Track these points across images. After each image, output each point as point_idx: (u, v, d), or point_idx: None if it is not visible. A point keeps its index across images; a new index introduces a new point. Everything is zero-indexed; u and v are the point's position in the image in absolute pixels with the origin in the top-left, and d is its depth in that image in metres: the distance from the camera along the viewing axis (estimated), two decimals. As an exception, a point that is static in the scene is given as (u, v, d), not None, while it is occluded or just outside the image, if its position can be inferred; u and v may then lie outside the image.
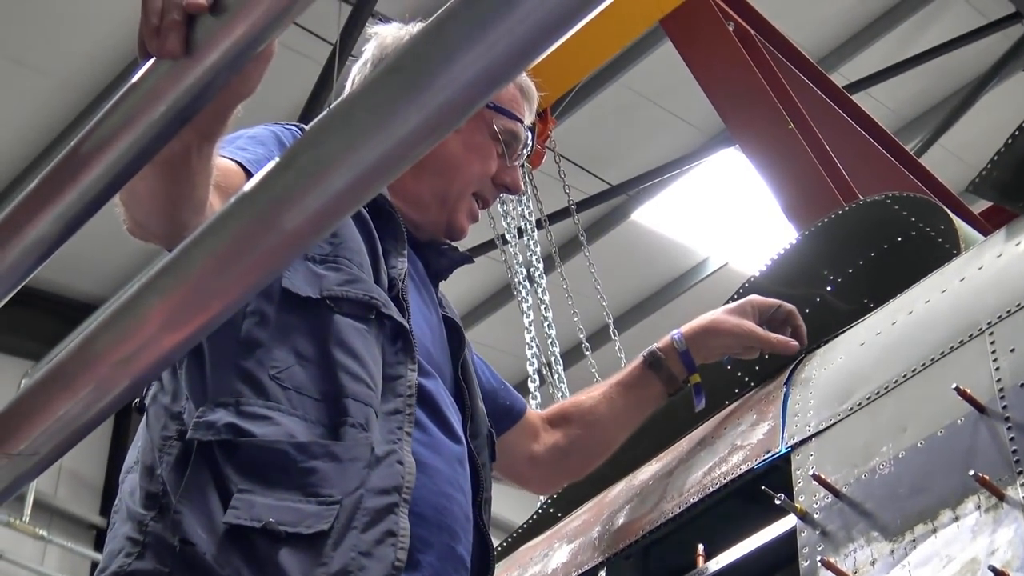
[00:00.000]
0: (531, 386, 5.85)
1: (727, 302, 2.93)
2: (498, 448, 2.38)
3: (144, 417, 1.96)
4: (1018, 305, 2.00)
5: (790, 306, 2.59)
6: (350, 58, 7.36)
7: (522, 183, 2.40)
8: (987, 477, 1.78)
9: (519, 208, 6.04)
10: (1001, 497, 1.77)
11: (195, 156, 1.67)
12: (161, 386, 1.94)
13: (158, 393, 1.94)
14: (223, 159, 1.88)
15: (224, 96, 1.47)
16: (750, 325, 2.54)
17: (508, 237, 6.09)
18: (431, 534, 1.94)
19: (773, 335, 2.53)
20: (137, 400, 1.98)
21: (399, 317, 2.00)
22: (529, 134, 2.37)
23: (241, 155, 1.95)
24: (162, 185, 1.69)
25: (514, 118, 2.30)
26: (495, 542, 3.26)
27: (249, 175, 1.91)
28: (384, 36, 2.34)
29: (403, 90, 0.96)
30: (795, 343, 2.53)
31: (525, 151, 2.36)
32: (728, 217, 11.01)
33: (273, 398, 1.85)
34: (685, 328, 2.59)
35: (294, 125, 2.18)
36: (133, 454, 1.96)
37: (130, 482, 1.91)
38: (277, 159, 1.05)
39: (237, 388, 1.85)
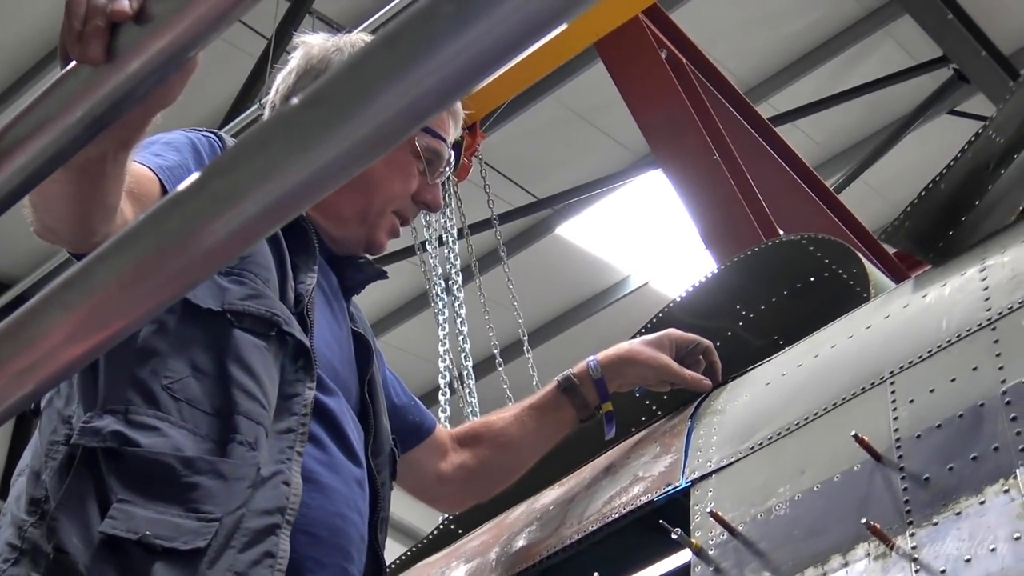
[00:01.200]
0: (441, 398, 5.85)
1: (646, 327, 2.96)
2: (407, 465, 2.37)
3: (38, 421, 1.94)
4: (920, 357, 2.04)
5: (707, 342, 2.62)
6: (285, 54, 7.32)
7: (442, 201, 2.40)
8: (878, 525, 1.81)
9: (441, 218, 6.04)
10: (890, 546, 1.80)
11: (110, 163, 1.65)
12: (57, 389, 1.91)
13: (53, 396, 1.91)
14: (137, 165, 1.86)
15: (144, 105, 1.46)
16: (666, 359, 2.56)
17: (428, 247, 6.09)
18: (324, 555, 1.94)
19: (688, 371, 2.56)
20: (33, 403, 1.95)
21: (301, 335, 1.99)
22: (452, 152, 2.37)
23: (155, 161, 1.93)
24: (74, 190, 1.67)
25: (438, 137, 2.30)
26: (400, 549, 3.27)
27: (162, 182, 1.89)
28: (311, 46, 2.33)
29: (322, 123, 0.96)
30: (708, 381, 2.56)
31: (447, 170, 2.36)
32: (652, 237, 11.10)
33: (164, 409, 1.83)
34: (601, 356, 2.60)
35: (211, 132, 2.16)
36: (26, 458, 1.94)
37: (18, 486, 1.88)
38: (190, 180, 1.04)
39: (128, 396, 1.83)
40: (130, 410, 1.82)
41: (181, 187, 1.04)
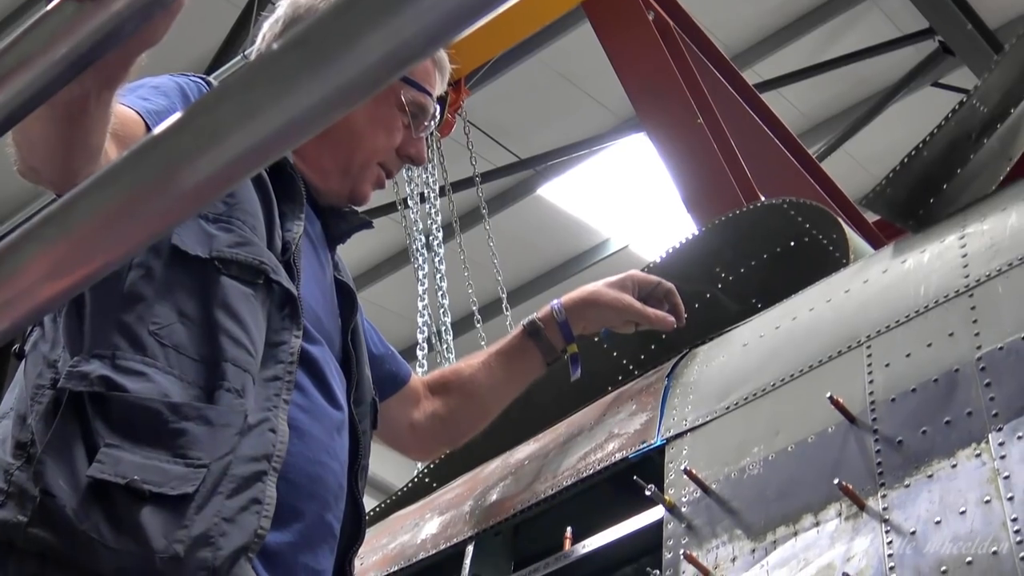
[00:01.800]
0: (419, 353, 5.85)
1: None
2: (380, 415, 2.38)
3: (23, 364, 1.92)
4: (897, 321, 2.05)
5: (669, 284, 2.62)
6: (270, 3, 7.26)
7: (426, 155, 2.39)
8: (851, 486, 1.83)
9: (423, 175, 6.01)
10: (862, 507, 1.82)
11: (94, 102, 1.64)
12: (42, 333, 1.89)
13: (38, 340, 1.89)
14: (122, 107, 1.84)
15: (129, 43, 1.45)
16: (629, 299, 2.56)
17: (410, 202, 6.07)
18: (302, 502, 1.94)
19: (651, 310, 2.56)
20: (17, 346, 1.94)
21: (288, 284, 1.98)
22: (438, 107, 2.35)
23: (142, 104, 1.91)
24: (57, 129, 1.66)
25: (423, 91, 2.29)
26: (371, 503, 3.28)
27: (148, 126, 1.88)
28: None
29: (307, 65, 0.95)
30: (671, 319, 2.56)
31: (432, 124, 2.35)
32: (633, 201, 11.10)
33: (151, 354, 1.82)
34: (565, 299, 2.61)
35: (199, 78, 2.14)
36: (8, 401, 1.92)
37: (2, 429, 1.87)
38: (173, 118, 1.03)
39: (115, 341, 1.81)
40: (117, 355, 1.80)
41: (165, 124, 1.04)
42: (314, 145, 2.16)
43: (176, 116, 1.04)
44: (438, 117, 2.35)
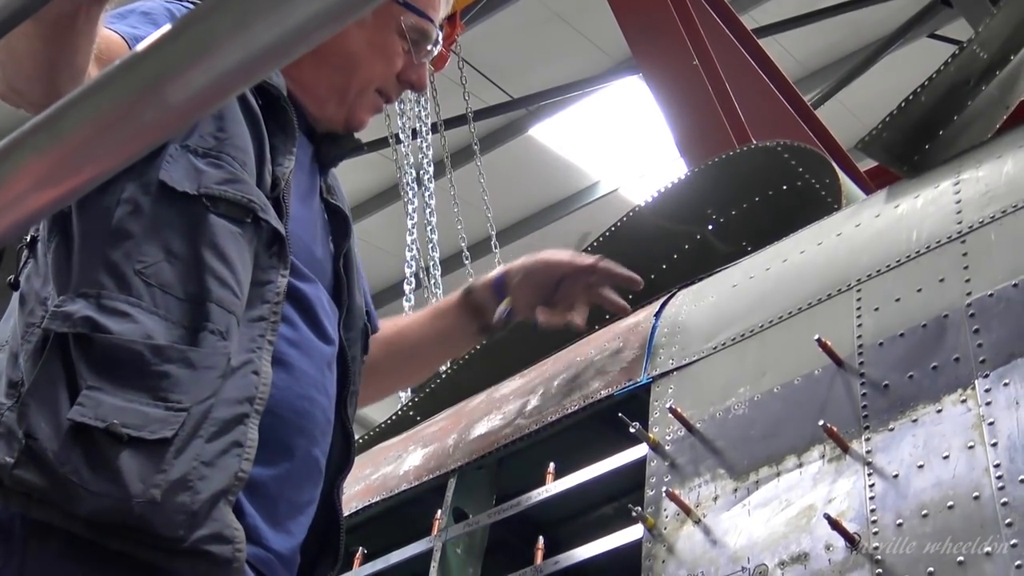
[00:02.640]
0: (407, 288, 5.84)
1: (613, 227, 2.96)
2: None
3: (17, 296, 1.89)
4: (888, 266, 2.04)
5: (606, 263, 2.55)
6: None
7: (427, 81, 2.36)
8: (835, 429, 1.83)
9: (416, 109, 5.97)
10: (845, 449, 1.82)
11: (82, 18, 1.61)
12: (36, 266, 1.87)
13: (31, 274, 1.87)
14: (109, 31, 1.81)
15: None
16: (562, 255, 2.53)
17: (401, 136, 6.03)
18: (291, 437, 1.94)
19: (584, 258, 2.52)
20: (12, 276, 1.92)
21: (276, 223, 1.95)
22: (439, 32, 2.32)
23: (129, 32, 1.88)
24: (42, 46, 1.63)
25: (425, 17, 2.26)
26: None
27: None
28: None
29: (304, -27, 0.94)
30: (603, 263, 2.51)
31: (433, 49, 2.32)
32: (624, 145, 11.07)
33: (136, 294, 1.79)
34: (503, 267, 2.58)
35: (191, 2, 2.11)
36: (4, 332, 1.90)
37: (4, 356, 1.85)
38: (166, 28, 1.01)
39: (101, 280, 1.79)
40: (102, 295, 1.78)
41: (158, 34, 1.02)
42: (311, 70, 2.13)
43: (170, 25, 1.02)
44: (440, 43, 2.32)
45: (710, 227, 2.87)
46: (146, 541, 1.70)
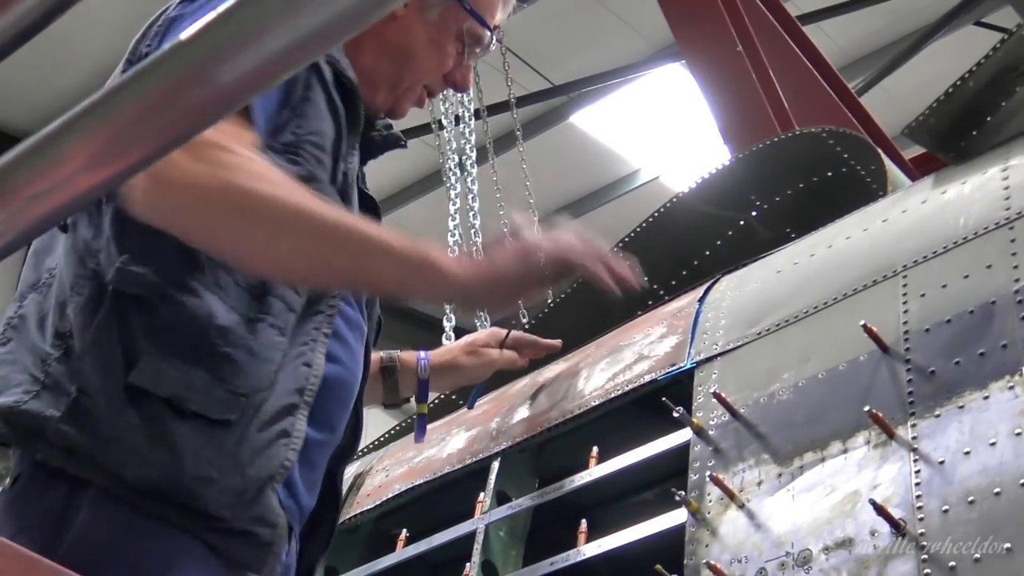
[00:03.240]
0: (449, 275, 5.82)
1: (656, 213, 2.95)
2: None
3: (67, 242, 1.88)
4: (935, 252, 2.03)
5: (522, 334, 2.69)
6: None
7: (471, 82, 2.37)
8: (880, 414, 1.82)
9: (458, 95, 5.97)
10: (891, 435, 1.81)
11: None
12: (87, 218, 1.86)
13: (79, 223, 1.86)
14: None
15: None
16: (490, 357, 2.61)
17: (445, 122, 6.03)
18: (337, 410, 1.98)
19: (506, 355, 2.63)
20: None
21: None
22: (492, 38, 2.33)
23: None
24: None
25: (485, 25, 2.27)
26: (394, 422, 3.30)
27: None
28: None
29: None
30: (523, 362, 2.65)
31: (483, 54, 2.34)
32: (665, 132, 11.03)
33: (201, 271, 1.80)
34: (433, 358, 2.58)
35: None
36: (38, 273, 1.89)
37: (35, 305, 1.85)
38: (218, 10, 1.02)
39: (166, 249, 1.78)
40: (168, 265, 1.78)
41: (210, 16, 1.02)
42: (371, 58, 2.16)
43: (220, 8, 1.03)
44: (490, 49, 2.34)
45: (754, 213, 2.86)
46: (189, 514, 1.72)
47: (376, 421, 2.84)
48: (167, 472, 1.70)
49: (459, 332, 5.50)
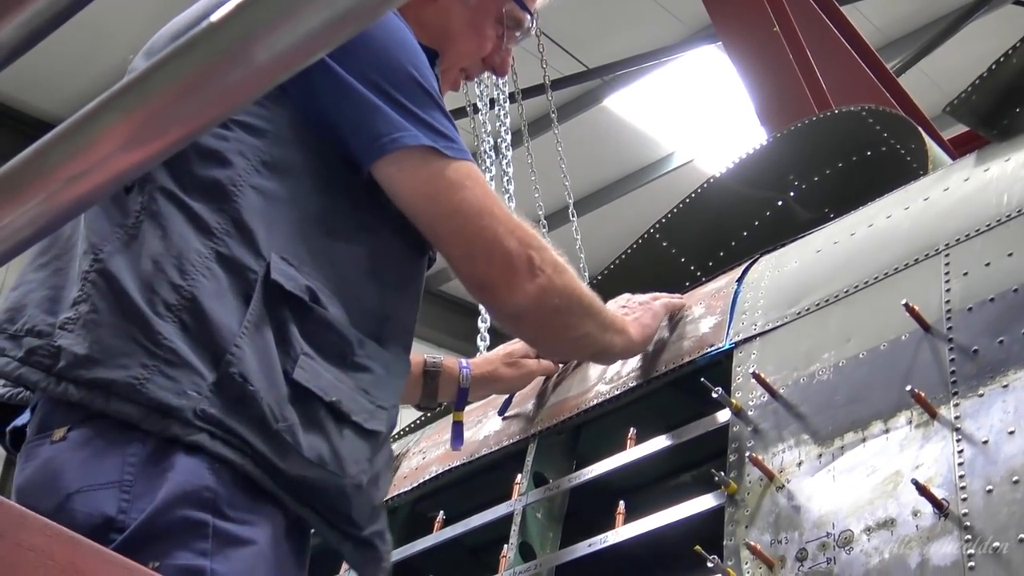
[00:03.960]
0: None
1: (691, 195, 2.93)
2: None
3: (144, 203, 1.75)
4: (977, 230, 2.00)
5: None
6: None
7: (509, 66, 2.36)
8: (923, 394, 1.80)
9: (493, 78, 5.96)
10: (933, 415, 1.79)
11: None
12: (181, 185, 1.77)
13: (174, 189, 1.76)
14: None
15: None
16: (529, 368, 2.59)
17: (479, 105, 6.03)
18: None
19: (543, 363, 2.62)
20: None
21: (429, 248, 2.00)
22: (532, 23, 2.31)
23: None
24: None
25: (525, 9, 2.26)
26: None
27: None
28: None
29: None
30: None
31: (523, 38, 2.32)
32: (700, 115, 10.97)
33: (332, 279, 1.80)
34: (474, 367, 2.55)
35: None
36: (110, 226, 1.75)
37: (122, 263, 1.71)
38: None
39: (305, 256, 1.78)
40: (310, 270, 1.78)
41: (245, -7, 1.02)
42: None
43: (256, -16, 1.02)
44: (530, 33, 2.32)
45: (792, 194, 2.84)
46: (329, 517, 1.73)
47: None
48: (328, 475, 1.70)
49: (491, 331, 5.50)
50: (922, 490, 1.69)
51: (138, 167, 1.12)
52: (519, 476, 2.45)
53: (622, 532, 2.18)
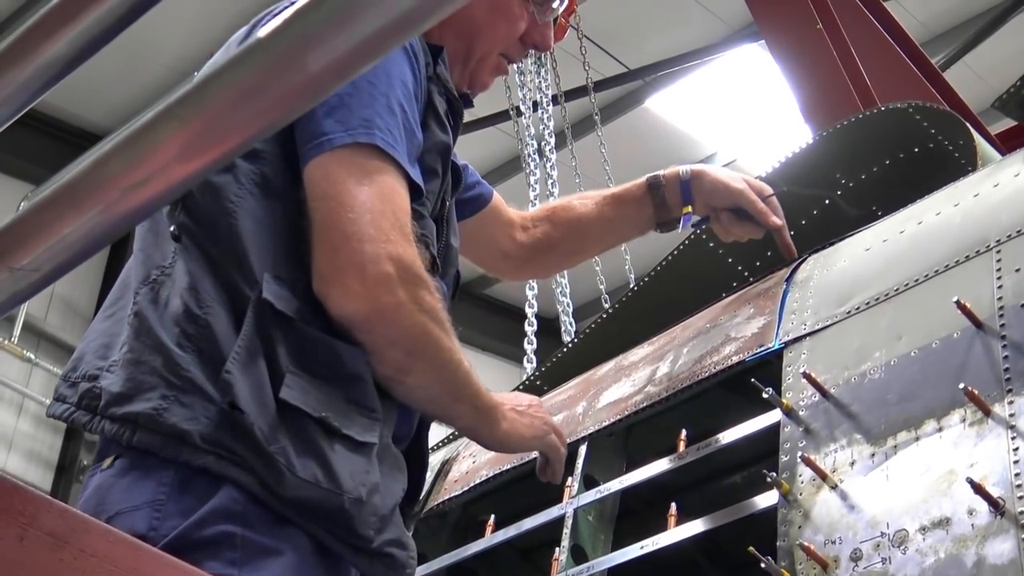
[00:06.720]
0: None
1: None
2: (473, 237, 2.47)
3: (187, 247, 1.84)
4: (1029, 226, 1.99)
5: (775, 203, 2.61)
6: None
7: (551, 40, 2.31)
8: (976, 392, 1.79)
9: (536, 80, 5.96)
10: (987, 412, 1.78)
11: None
12: (210, 226, 1.84)
13: (189, 223, 1.85)
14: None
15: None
16: (744, 185, 2.57)
17: (522, 108, 6.03)
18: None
19: (761, 203, 2.55)
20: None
21: (436, 251, 2.00)
22: None
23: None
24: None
25: None
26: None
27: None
28: None
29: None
30: (777, 220, 2.55)
31: (559, 6, 2.28)
32: (742, 115, 10.92)
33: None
34: (691, 166, 2.62)
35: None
36: (147, 269, 1.86)
37: (148, 301, 1.81)
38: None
39: (297, 273, 1.81)
40: (302, 286, 1.80)
41: (299, 5, 1.03)
42: (435, 37, 2.13)
43: (309, -6, 1.03)
44: (565, 2, 2.29)
45: (839, 192, 2.82)
46: (335, 533, 1.74)
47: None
48: (325, 494, 1.71)
49: (540, 318, 5.51)
50: (977, 488, 1.68)
51: (195, 176, 1.14)
52: (570, 478, 2.45)
53: (674, 534, 2.18)
